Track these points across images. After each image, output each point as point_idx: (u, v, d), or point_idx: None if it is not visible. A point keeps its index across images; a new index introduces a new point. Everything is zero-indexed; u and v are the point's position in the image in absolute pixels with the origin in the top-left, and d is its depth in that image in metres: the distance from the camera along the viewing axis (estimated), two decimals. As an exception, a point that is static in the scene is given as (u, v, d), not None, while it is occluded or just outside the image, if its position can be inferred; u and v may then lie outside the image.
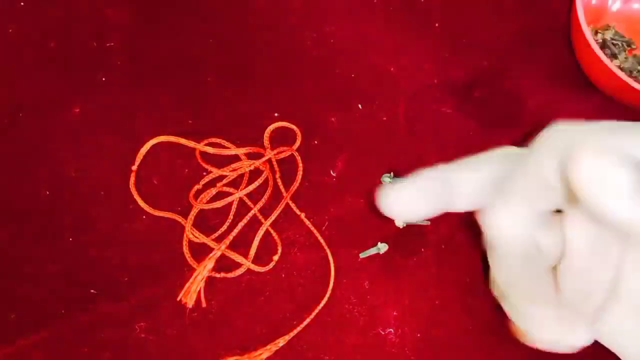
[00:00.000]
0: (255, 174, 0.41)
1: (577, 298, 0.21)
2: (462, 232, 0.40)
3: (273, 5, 0.47)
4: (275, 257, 0.39)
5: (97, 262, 0.38)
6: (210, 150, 0.41)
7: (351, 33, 0.46)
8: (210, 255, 0.38)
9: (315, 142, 0.42)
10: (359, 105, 0.43)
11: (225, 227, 0.39)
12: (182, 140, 0.41)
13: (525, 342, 0.23)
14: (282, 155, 0.41)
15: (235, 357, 0.36)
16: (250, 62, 0.44)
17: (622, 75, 0.38)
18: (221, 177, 0.41)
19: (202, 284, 0.37)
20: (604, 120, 0.21)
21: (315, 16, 0.46)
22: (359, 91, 0.44)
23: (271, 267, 0.38)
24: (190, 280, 0.37)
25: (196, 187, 0.40)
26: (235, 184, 0.41)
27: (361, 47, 0.45)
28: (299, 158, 0.41)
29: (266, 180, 0.40)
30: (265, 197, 0.40)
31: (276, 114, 0.43)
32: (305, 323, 0.37)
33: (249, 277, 0.38)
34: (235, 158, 0.41)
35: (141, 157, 0.41)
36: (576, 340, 0.22)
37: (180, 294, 0.37)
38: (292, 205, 0.40)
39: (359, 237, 0.39)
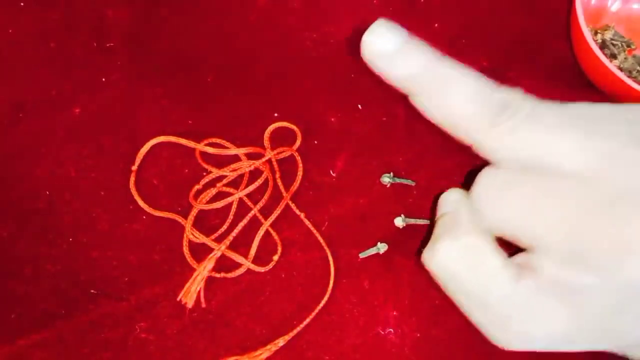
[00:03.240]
0: (255, 174, 0.41)
1: None
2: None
3: (273, 5, 0.47)
4: (275, 257, 0.39)
5: (97, 262, 0.38)
6: (210, 150, 0.41)
7: (351, 33, 0.46)
8: (210, 255, 0.38)
9: (315, 142, 0.42)
10: (359, 106, 0.43)
11: (225, 227, 0.39)
12: (182, 141, 0.41)
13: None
14: (282, 156, 0.41)
15: (235, 357, 0.36)
16: (250, 62, 0.44)
17: (622, 75, 0.38)
18: (221, 177, 0.41)
19: (202, 284, 0.37)
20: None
21: (315, 16, 0.46)
22: (359, 91, 0.43)
23: (271, 267, 0.38)
24: (190, 280, 0.37)
25: (196, 187, 0.40)
26: (235, 184, 0.41)
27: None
28: (299, 158, 0.41)
29: (266, 181, 0.40)
30: (265, 197, 0.40)
31: (276, 114, 0.43)
32: (305, 323, 0.37)
33: (249, 277, 0.38)
34: (235, 158, 0.41)
35: (141, 157, 0.41)
36: None
37: (180, 294, 0.37)
38: (292, 205, 0.40)
39: (359, 237, 0.39)
